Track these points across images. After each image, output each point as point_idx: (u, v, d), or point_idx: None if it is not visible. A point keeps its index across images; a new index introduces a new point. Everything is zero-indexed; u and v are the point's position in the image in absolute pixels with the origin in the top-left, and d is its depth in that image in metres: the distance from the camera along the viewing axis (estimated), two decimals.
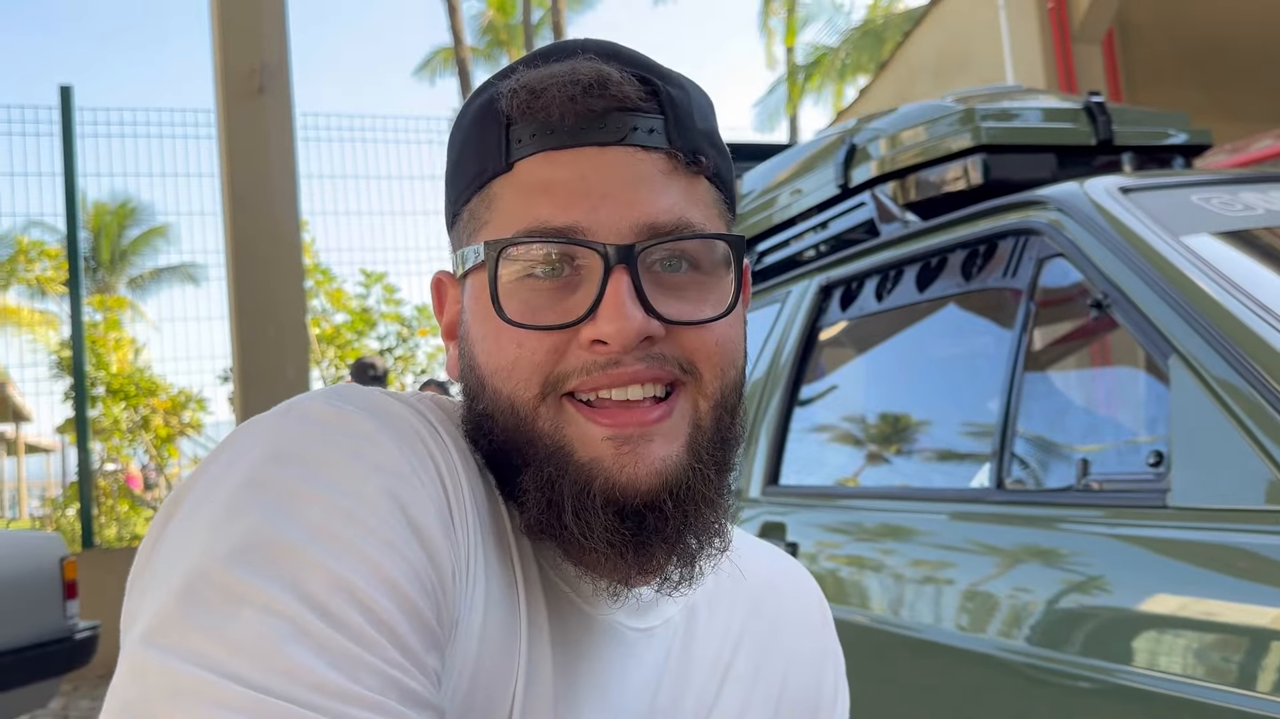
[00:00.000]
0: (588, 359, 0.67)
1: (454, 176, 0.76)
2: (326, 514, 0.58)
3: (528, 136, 0.70)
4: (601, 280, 0.67)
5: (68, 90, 7.07)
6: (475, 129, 0.73)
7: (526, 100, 0.70)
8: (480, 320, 0.71)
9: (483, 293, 0.70)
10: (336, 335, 9.83)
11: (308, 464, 0.60)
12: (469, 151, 0.73)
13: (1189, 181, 1.92)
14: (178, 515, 0.60)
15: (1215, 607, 1.33)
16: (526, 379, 0.68)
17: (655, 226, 0.68)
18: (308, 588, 0.55)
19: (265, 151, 5.85)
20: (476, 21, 24.93)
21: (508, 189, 0.70)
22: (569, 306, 0.68)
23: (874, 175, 2.63)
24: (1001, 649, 1.59)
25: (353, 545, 0.57)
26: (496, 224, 0.70)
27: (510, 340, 0.68)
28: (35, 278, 9.66)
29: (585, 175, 0.68)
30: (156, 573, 0.58)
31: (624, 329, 0.66)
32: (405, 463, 0.63)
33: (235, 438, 0.64)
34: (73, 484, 8.04)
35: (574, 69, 0.70)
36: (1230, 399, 1.42)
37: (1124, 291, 1.64)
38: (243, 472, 0.60)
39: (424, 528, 0.61)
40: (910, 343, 2.42)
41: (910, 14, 16.85)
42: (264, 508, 0.57)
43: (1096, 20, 7.79)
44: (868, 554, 2.09)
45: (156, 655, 0.53)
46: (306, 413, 0.64)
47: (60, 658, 4.22)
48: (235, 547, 0.56)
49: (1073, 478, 1.68)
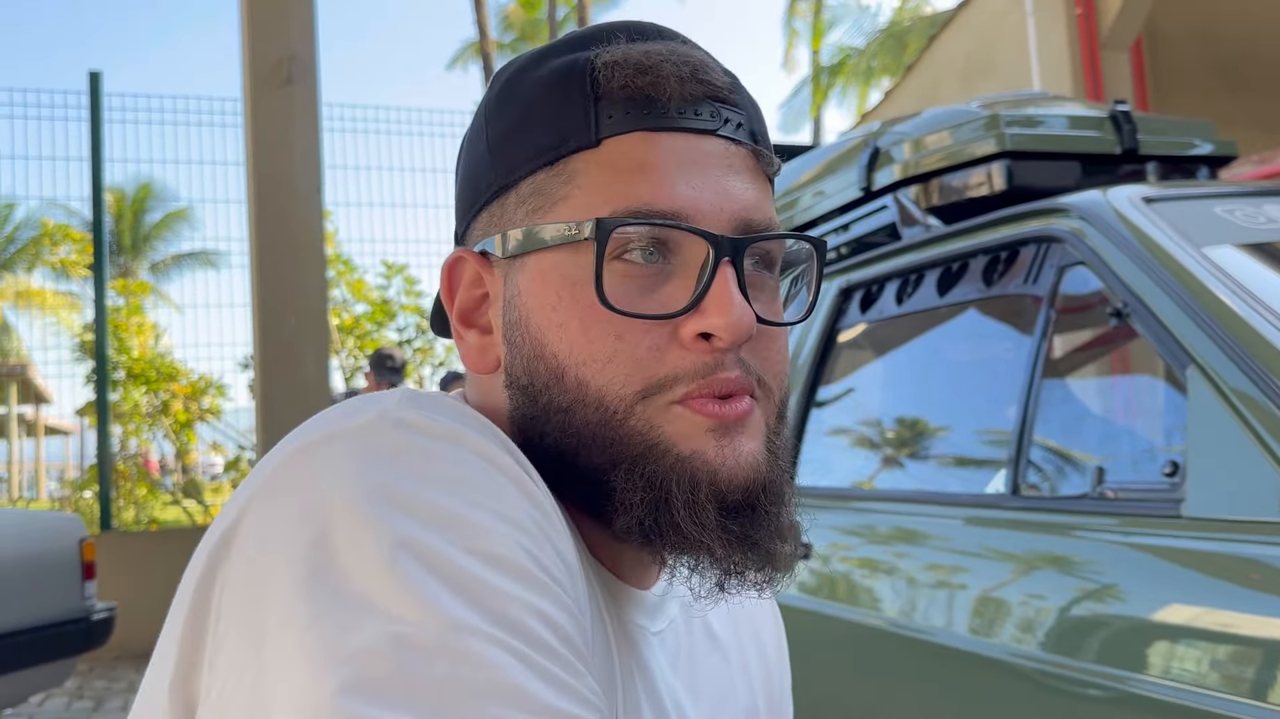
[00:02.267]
0: (694, 361, 0.64)
1: (505, 146, 0.69)
2: (497, 543, 0.54)
3: (621, 114, 0.66)
4: (709, 271, 0.64)
5: (97, 76, 7.13)
6: (549, 97, 0.67)
7: (630, 75, 0.66)
8: (556, 305, 0.65)
9: (558, 274, 0.65)
10: (356, 326, 9.87)
11: (456, 487, 0.55)
12: (537, 121, 0.67)
13: (1212, 193, 1.92)
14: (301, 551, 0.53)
15: (1226, 617, 1.33)
16: (626, 375, 0.64)
17: (750, 223, 0.66)
18: (512, 619, 0.52)
19: (291, 142, 5.88)
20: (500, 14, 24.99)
21: (593, 166, 0.65)
22: (664, 297, 0.64)
23: (897, 179, 2.63)
24: (1012, 654, 1.60)
25: (534, 576, 0.54)
26: (582, 203, 0.65)
27: (605, 330, 0.64)
28: (59, 261, 9.73)
29: (684, 161, 0.65)
30: (324, 615, 0.51)
31: (736, 323, 0.62)
32: (536, 489, 0.60)
33: (337, 451, 0.57)
34: (92, 467, 8.10)
35: (674, 50, 0.67)
36: (1247, 411, 1.43)
37: (1144, 301, 1.65)
38: (385, 495, 0.54)
39: (568, 559, 0.59)
40: (929, 347, 2.43)
41: (936, 17, 16.78)
42: (434, 538, 0.53)
43: (1125, 28, 7.74)
44: (881, 557, 2.10)
45: (393, 717, 0.48)
46: (418, 427, 0.58)
47: (77, 638, 4.26)
48: (425, 587, 0.51)
49: (1088, 486, 1.68)
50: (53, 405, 20.07)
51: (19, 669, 4.02)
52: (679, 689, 0.75)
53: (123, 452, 8.27)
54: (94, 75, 7.13)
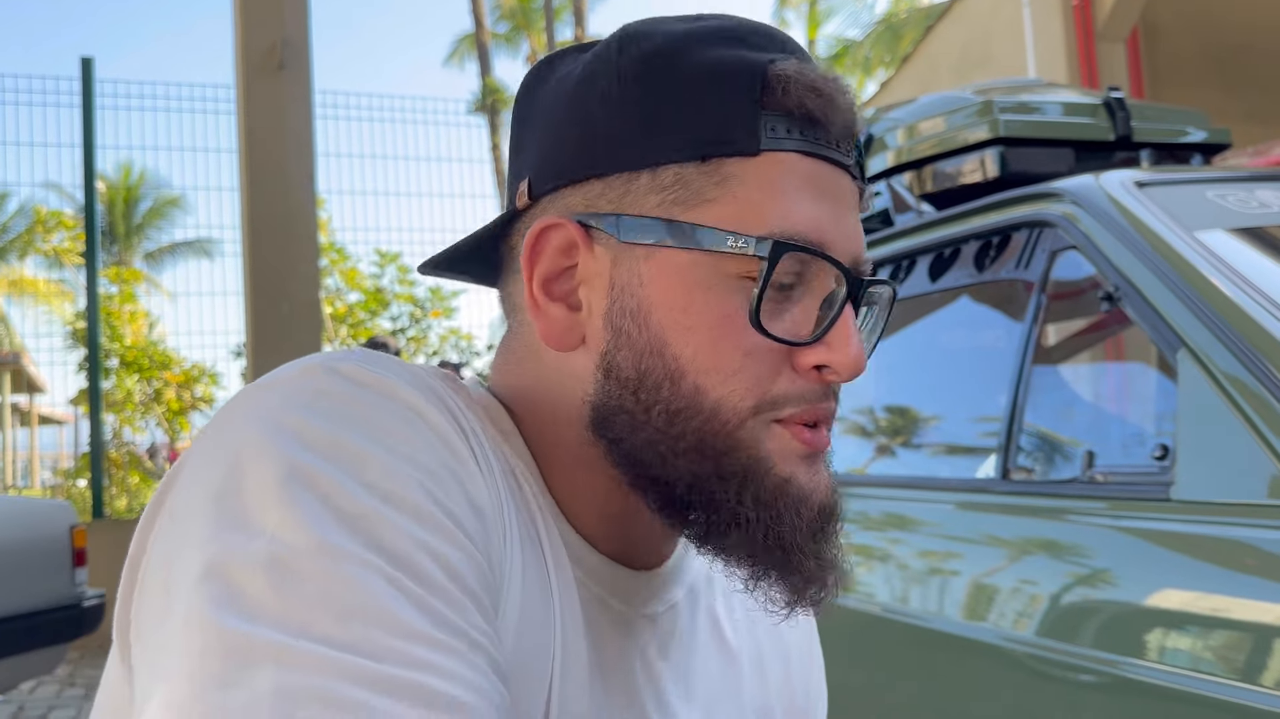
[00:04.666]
0: (805, 387, 0.65)
1: (653, 123, 0.65)
2: (396, 480, 0.55)
3: (784, 129, 0.64)
4: (837, 306, 0.65)
5: (89, 62, 7.10)
6: (712, 89, 0.65)
7: (805, 93, 0.64)
8: (686, 308, 0.64)
9: (695, 277, 0.64)
10: (350, 314, 9.87)
11: (367, 427, 0.57)
12: (695, 110, 0.65)
13: (1205, 178, 1.91)
14: (217, 480, 0.55)
15: (1216, 601, 1.33)
16: (746, 390, 0.64)
17: (863, 262, 0.67)
18: (395, 549, 0.52)
19: (284, 128, 5.86)
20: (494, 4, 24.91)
21: (751, 175, 0.64)
22: (788, 320, 0.65)
23: (890, 165, 2.63)
24: (1004, 639, 1.60)
25: (430, 515, 0.55)
26: (733, 211, 0.64)
27: (737, 344, 0.64)
28: (52, 249, 9.70)
29: (830, 192, 0.65)
30: (215, 537, 0.53)
31: (857, 362, 0.64)
32: (457, 437, 0.61)
33: (266, 394, 0.59)
34: (84, 455, 8.09)
35: (839, 79, 0.67)
36: (1237, 394, 1.42)
37: (1135, 285, 1.64)
38: (294, 430, 0.56)
39: (481, 507, 0.59)
40: (921, 333, 2.42)
41: (932, 9, 16.77)
42: (330, 469, 0.54)
43: (1121, 19, 7.74)
44: (872, 543, 2.10)
45: (256, 630, 0.49)
46: (348, 374, 0.60)
47: (68, 625, 4.25)
48: (309, 512, 0.53)
49: (1078, 470, 1.68)
50: (46, 395, 20.04)
51: (9, 656, 4.01)
52: (664, 672, 0.74)
53: (115, 440, 8.26)
54: (86, 61, 7.10)
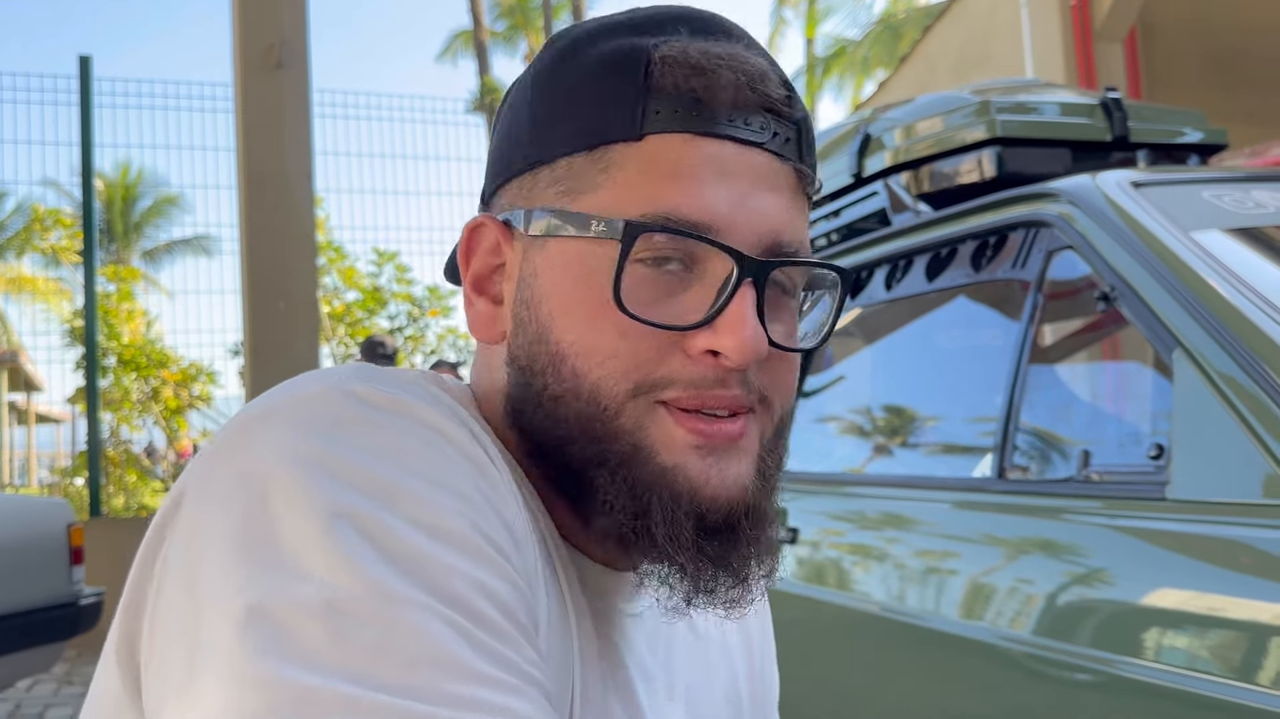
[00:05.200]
0: (695, 371, 0.62)
1: (549, 121, 0.67)
2: (440, 513, 0.54)
3: (669, 111, 0.63)
4: (730, 289, 0.62)
5: (87, 60, 7.10)
6: (600, 80, 0.65)
7: (685, 75, 0.64)
8: (569, 294, 0.64)
9: (580, 264, 0.64)
10: (347, 313, 9.86)
11: (397, 457, 0.55)
12: (584, 102, 0.65)
13: (1201, 178, 1.92)
14: (239, 518, 0.53)
15: (1211, 600, 1.33)
16: (623, 372, 0.63)
17: (780, 243, 0.64)
18: (447, 589, 0.51)
19: (282, 127, 5.86)
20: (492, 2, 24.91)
21: (632, 161, 0.64)
22: (681, 307, 0.63)
23: (888, 165, 2.63)
24: (1000, 638, 1.60)
25: (474, 546, 0.54)
26: (613, 196, 0.64)
27: (612, 327, 0.62)
28: (50, 246, 9.70)
29: (724, 171, 0.63)
30: (255, 581, 0.50)
31: (747, 348, 0.61)
32: (481, 453, 0.59)
33: (280, 421, 0.56)
34: (82, 453, 8.08)
35: (735, 55, 0.65)
36: (1232, 394, 1.43)
37: (1131, 285, 1.65)
38: (324, 464, 0.54)
39: (515, 530, 0.58)
40: (918, 333, 2.43)
41: (931, 9, 16.78)
42: (373, 506, 0.52)
43: (1119, 20, 7.74)
44: (868, 541, 2.10)
45: (315, 680, 0.47)
46: (364, 397, 0.58)
47: (65, 623, 4.25)
48: (361, 555, 0.51)
49: (1073, 469, 1.68)
50: (44, 393, 20.02)
51: (6, 654, 4.01)
52: (654, 671, 0.74)
53: (113, 438, 8.26)
54: (84, 59, 7.09)
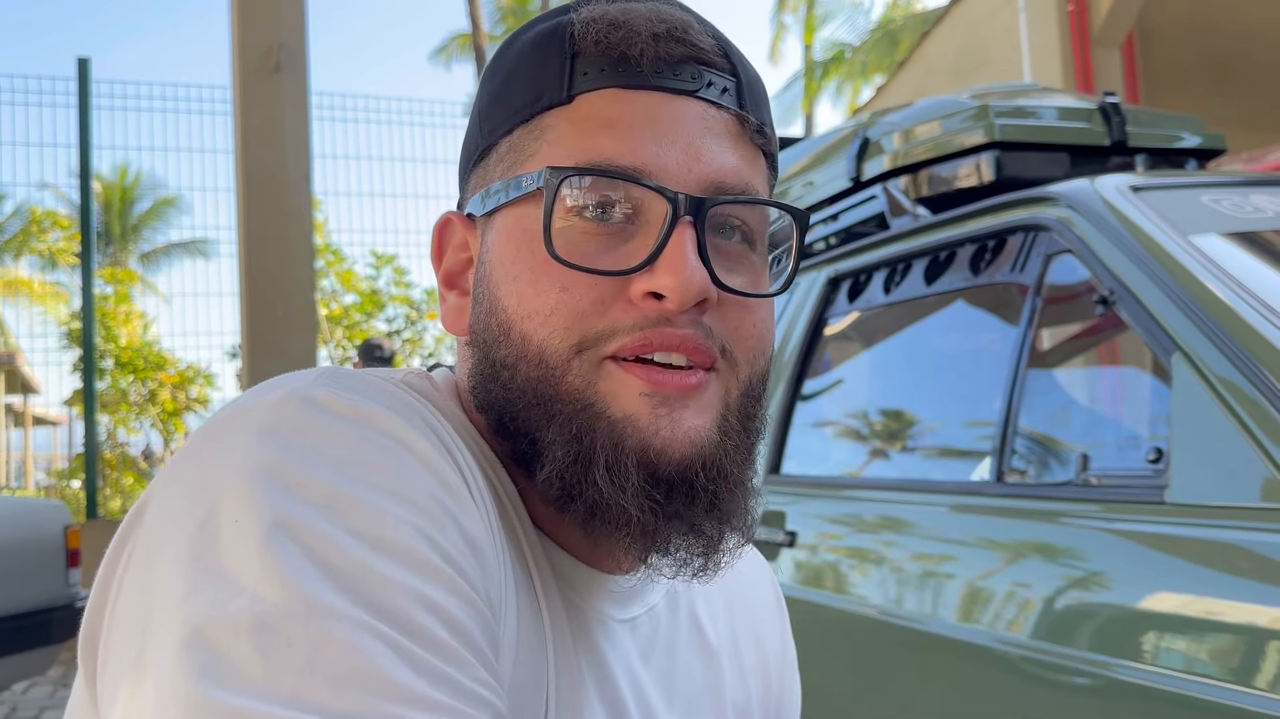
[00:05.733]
0: (637, 315, 0.62)
1: (491, 107, 0.69)
2: (388, 525, 0.52)
3: (595, 70, 0.64)
4: (665, 230, 0.62)
5: (85, 63, 7.09)
6: (531, 57, 0.67)
7: (603, 32, 0.65)
8: (513, 259, 0.64)
9: (520, 227, 0.64)
10: (345, 316, 9.86)
11: (352, 467, 0.54)
12: (519, 80, 0.67)
13: (1200, 182, 1.92)
14: (192, 527, 0.52)
15: (1209, 604, 1.33)
16: (566, 328, 0.62)
17: (722, 185, 0.64)
18: (387, 605, 0.49)
19: (280, 130, 5.86)
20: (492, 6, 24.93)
21: (564, 121, 0.64)
22: (621, 255, 0.62)
23: (886, 169, 2.63)
24: (998, 641, 1.60)
25: (424, 560, 0.52)
26: (547, 156, 0.64)
27: (552, 283, 0.62)
28: (47, 249, 9.69)
29: (656, 119, 0.64)
30: (194, 593, 0.50)
31: (686, 283, 0.60)
32: (445, 463, 0.58)
33: (241, 429, 0.56)
34: (78, 456, 8.07)
35: (656, 10, 0.66)
36: (1231, 398, 1.43)
37: (1130, 289, 1.65)
38: (276, 474, 0.53)
39: (476, 541, 0.57)
40: (916, 336, 2.43)
41: (929, 14, 16.80)
42: (316, 517, 0.51)
43: (1117, 25, 7.76)
44: (865, 544, 2.10)
45: (243, 702, 0.46)
46: (325, 405, 0.57)
47: (61, 626, 4.24)
48: (296, 567, 0.49)
49: (1072, 473, 1.68)
50: (41, 395, 20.01)
51: (3, 656, 4.00)
52: (646, 680, 0.72)
53: (110, 441, 8.25)
54: (82, 61, 7.09)
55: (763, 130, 0.68)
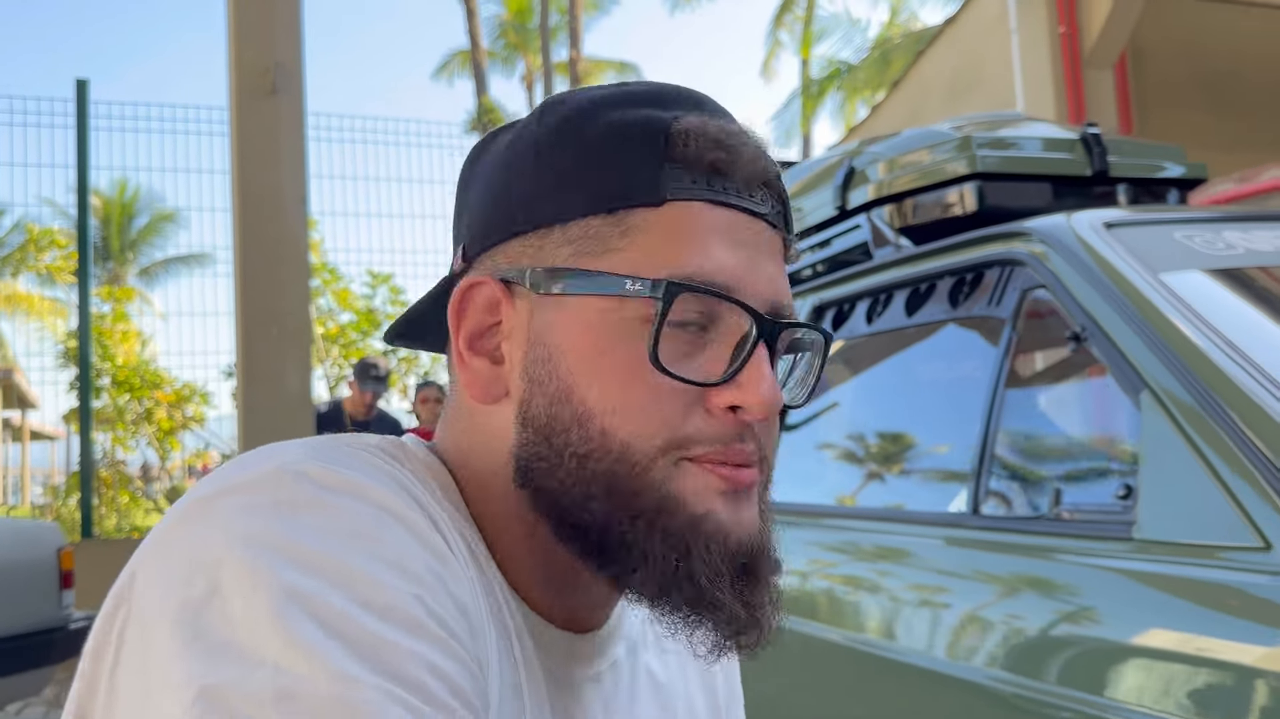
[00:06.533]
0: (718, 428, 0.65)
1: (564, 181, 0.68)
2: (391, 595, 0.54)
3: (689, 180, 0.66)
4: (748, 348, 0.65)
5: (84, 84, 7.13)
6: (620, 145, 0.67)
7: (708, 146, 0.67)
8: (601, 353, 0.65)
9: (606, 322, 0.66)
10: (341, 334, 9.89)
11: (351, 540, 0.56)
12: (603, 165, 0.67)
13: (1173, 218, 1.95)
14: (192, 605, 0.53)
15: (1174, 638, 1.36)
16: (654, 430, 0.64)
17: (782, 307, 0.68)
18: (401, 671, 0.52)
19: (276, 152, 5.89)
20: (492, 23, 25.05)
21: (654, 225, 0.66)
22: (699, 364, 0.65)
23: (870, 199, 2.66)
24: (965, 672, 1.62)
25: (425, 628, 0.54)
26: (634, 256, 0.66)
27: (645, 385, 0.64)
28: (45, 267, 9.72)
29: (738, 239, 0.67)
30: (209, 668, 0.51)
31: (768, 402, 0.64)
32: (434, 533, 0.60)
33: (232, 504, 0.57)
34: (74, 474, 8.09)
35: (748, 133, 0.70)
36: (1197, 435, 1.45)
37: (1101, 326, 1.67)
38: (278, 547, 0.54)
39: (466, 607, 0.59)
40: (896, 367, 2.45)
41: (925, 33, 16.89)
42: (325, 589, 0.53)
43: (1108, 46, 7.82)
44: (849, 574, 2.12)
45: None
46: (318, 479, 0.58)
47: (55, 647, 4.25)
48: (314, 638, 0.51)
49: (1045, 507, 1.71)
50: (38, 410, 20.01)
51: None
52: None
53: (106, 459, 8.26)
54: (80, 83, 7.13)
55: (795, 248, 0.73)
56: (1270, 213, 2.09)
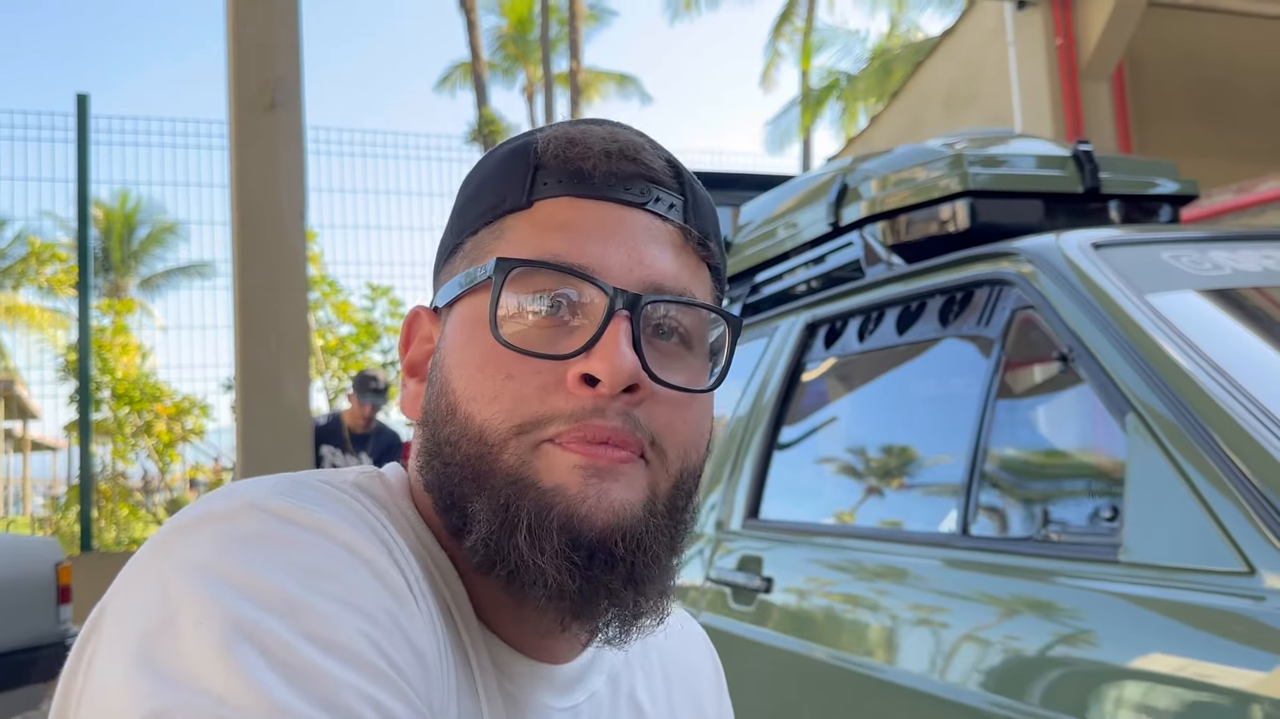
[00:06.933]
0: (574, 404, 0.66)
1: (461, 212, 0.76)
2: (340, 631, 0.55)
3: (554, 180, 0.71)
4: (603, 321, 0.66)
5: (84, 98, 7.16)
6: (500, 168, 0.74)
7: (563, 146, 0.71)
8: (465, 345, 0.69)
9: (473, 316, 0.70)
10: (341, 347, 9.90)
11: (307, 575, 0.57)
12: (487, 188, 0.74)
13: (1161, 239, 1.95)
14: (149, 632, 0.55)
15: (1158, 661, 1.36)
16: (508, 411, 0.66)
17: (661, 287, 0.69)
18: (341, 706, 0.52)
19: (276, 166, 5.91)
20: (492, 35, 25.11)
21: (523, 223, 0.71)
22: (563, 346, 0.67)
23: (863, 216, 2.67)
24: (946, 691, 1.62)
25: (373, 666, 0.55)
26: (503, 253, 0.70)
27: (499, 369, 0.67)
28: (46, 279, 9.74)
29: (604, 224, 0.70)
30: (155, 693, 0.52)
31: (617, 369, 0.64)
32: (396, 574, 0.61)
33: (199, 537, 0.59)
34: (74, 487, 8.09)
35: (613, 133, 0.73)
36: (1182, 458, 1.46)
37: (1088, 347, 1.68)
38: (234, 580, 0.56)
39: (422, 651, 0.60)
40: (886, 386, 2.46)
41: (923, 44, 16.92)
42: (273, 622, 0.54)
43: (1105, 58, 7.83)
44: (842, 592, 2.12)
45: None
46: (281, 514, 0.60)
47: (52, 662, 4.26)
48: (256, 669, 0.52)
49: (1034, 528, 1.71)
50: (39, 421, 20.00)
51: None
52: None
53: (105, 471, 8.26)
54: (81, 97, 7.15)
55: (705, 244, 0.74)
56: (1257, 232, 2.10)
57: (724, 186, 4.13)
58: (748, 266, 3.21)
